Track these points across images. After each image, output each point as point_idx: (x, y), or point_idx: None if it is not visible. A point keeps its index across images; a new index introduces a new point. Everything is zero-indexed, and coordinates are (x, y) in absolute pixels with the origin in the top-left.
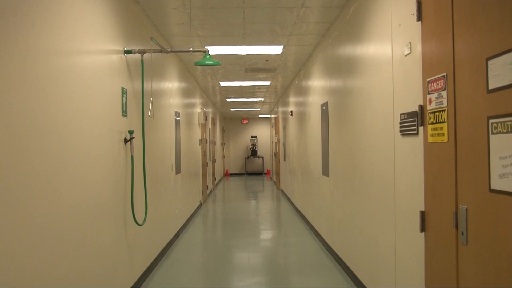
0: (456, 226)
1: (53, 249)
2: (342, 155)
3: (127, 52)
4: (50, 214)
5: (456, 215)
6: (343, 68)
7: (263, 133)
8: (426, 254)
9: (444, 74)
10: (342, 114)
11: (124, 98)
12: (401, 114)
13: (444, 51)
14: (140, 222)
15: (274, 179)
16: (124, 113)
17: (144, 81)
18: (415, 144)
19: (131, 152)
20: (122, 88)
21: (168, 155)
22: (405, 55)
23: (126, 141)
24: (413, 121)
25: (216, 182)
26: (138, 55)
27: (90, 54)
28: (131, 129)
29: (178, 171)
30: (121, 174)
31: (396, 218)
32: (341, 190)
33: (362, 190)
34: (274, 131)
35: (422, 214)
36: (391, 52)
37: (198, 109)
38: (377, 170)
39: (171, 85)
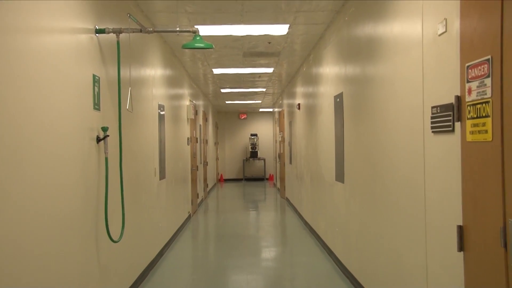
0: (505, 245)
1: (3, 273)
2: (360, 157)
3: (99, 31)
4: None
5: (504, 232)
6: (362, 51)
7: (264, 131)
8: (466, 279)
9: (489, 57)
10: (360, 107)
11: (96, 87)
12: (432, 107)
13: (489, 28)
14: (115, 239)
15: (278, 185)
16: (97, 106)
17: (121, 67)
18: (450, 144)
19: (105, 153)
20: (94, 76)
21: (151, 157)
22: (439, 35)
23: (99, 140)
24: (447, 116)
25: (208, 189)
26: (113, 36)
27: (52, 33)
28: (105, 125)
29: (162, 176)
30: (93, 179)
31: (427, 234)
32: (359, 199)
33: (384, 199)
34: (278, 128)
35: (460, 229)
36: (421, 32)
37: (186, 102)
38: (403, 175)
39: (154, 72)
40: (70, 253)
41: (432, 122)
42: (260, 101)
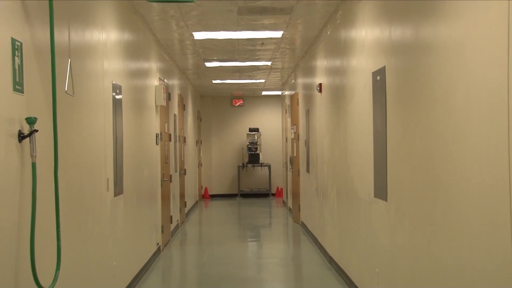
0: None
1: None
2: (411, 162)
3: None
4: None
5: None
6: (415, 3)
7: (269, 124)
8: None
9: None
10: (411, 89)
11: (17, 58)
12: None
13: None
14: (46, 286)
15: (290, 204)
16: (18, 86)
17: (56, 28)
18: None
19: (32, 156)
20: (13, 41)
21: (101, 163)
22: None
23: (22, 136)
24: None
25: (187, 209)
26: None
27: None
28: (32, 115)
29: (119, 190)
30: (12, 196)
31: None
32: (410, 224)
33: (449, 224)
34: (289, 120)
35: None
36: None
37: (154, 81)
38: (479, 189)
39: (106, 36)
40: None
41: None
42: (263, 80)
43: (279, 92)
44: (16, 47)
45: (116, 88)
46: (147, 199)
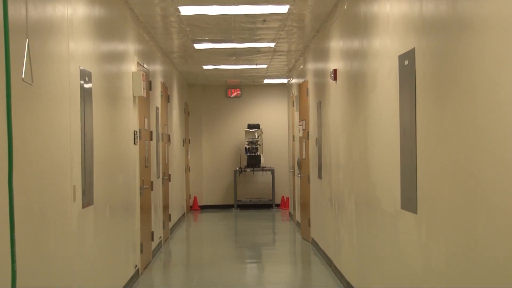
0: None
1: None
2: (447, 166)
3: None
4: None
5: None
6: None
7: (273, 119)
8: None
9: None
10: (447, 75)
11: None
12: None
13: None
14: None
15: (298, 217)
16: None
17: (10, 3)
18: None
19: None
20: None
21: (66, 167)
22: None
23: None
24: None
25: (172, 224)
26: None
27: None
28: None
29: (88, 200)
30: None
31: None
32: (446, 243)
33: (496, 243)
34: (297, 115)
35: None
36: None
37: (132, 66)
38: None
39: (72, 11)
40: None
41: None
42: (265, 66)
43: (285, 80)
44: None
45: (85, 75)
46: (122, 211)
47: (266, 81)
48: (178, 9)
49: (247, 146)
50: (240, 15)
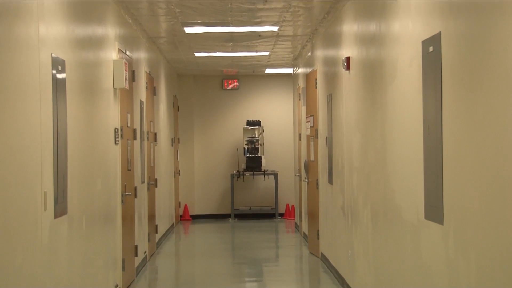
0: None
1: None
2: (480, 169)
3: None
4: None
5: None
6: None
7: (276, 114)
8: None
9: None
10: (478, 64)
11: None
12: None
13: None
14: None
15: (305, 229)
16: None
17: None
18: None
19: None
20: None
21: (36, 171)
22: None
23: None
24: None
25: (159, 236)
26: None
27: None
28: None
29: (61, 209)
30: None
31: None
32: (478, 260)
33: None
34: (303, 109)
35: None
36: None
37: (112, 53)
38: None
39: None
40: None
41: None
42: (266, 53)
43: (290, 70)
44: None
45: (58, 64)
46: (101, 221)
47: (268, 70)
48: None
49: (246, 146)
50: None
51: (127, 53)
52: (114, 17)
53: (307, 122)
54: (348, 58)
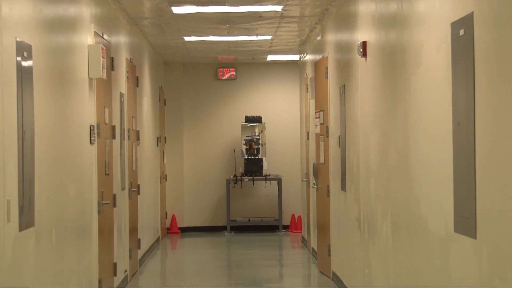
0: None
1: None
2: None
3: None
4: None
5: None
6: None
7: (279, 109)
8: None
9: None
10: None
11: None
12: None
13: None
14: None
15: (314, 244)
16: None
17: None
18: None
19: None
20: None
21: None
22: None
23: None
24: None
25: (142, 252)
26: None
27: None
28: None
29: (27, 220)
30: None
31: None
32: None
33: None
34: (312, 103)
35: None
36: None
37: (87, 37)
38: None
39: None
40: None
41: None
42: (269, 37)
43: (296, 57)
44: None
45: (23, 50)
46: (74, 235)
47: (270, 57)
48: None
49: (245, 147)
50: None
51: (105, 37)
52: None
53: (316, 118)
54: (364, 43)
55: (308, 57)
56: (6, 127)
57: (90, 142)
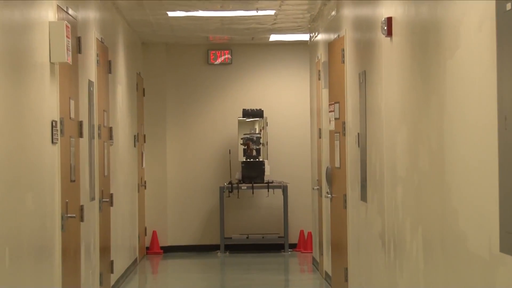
0: None
1: None
2: None
3: None
4: None
5: None
6: None
7: (284, 101)
8: None
9: None
10: None
11: None
12: None
13: None
14: None
15: (327, 266)
16: None
17: None
18: None
19: None
20: None
21: None
22: None
23: None
24: None
25: (115, 277)
26: None
27: None
28: None
29: None
30: None
31: None
32: None
33: None
34: (324, 93)
35: None
36: None
37: (48, 13)
38: None
39: None
40: None
41: None
42: (272, 12)
43: (305, 36)
44: None
45: None
46: (32, 256)
47: (273, 37)
48: None
49: (243, 147)
50: None
51: (70, 12)
52: None
53: (330, 112)
54: (389, 20)
55: (320, 37)
56: None
57: (52, 142)
